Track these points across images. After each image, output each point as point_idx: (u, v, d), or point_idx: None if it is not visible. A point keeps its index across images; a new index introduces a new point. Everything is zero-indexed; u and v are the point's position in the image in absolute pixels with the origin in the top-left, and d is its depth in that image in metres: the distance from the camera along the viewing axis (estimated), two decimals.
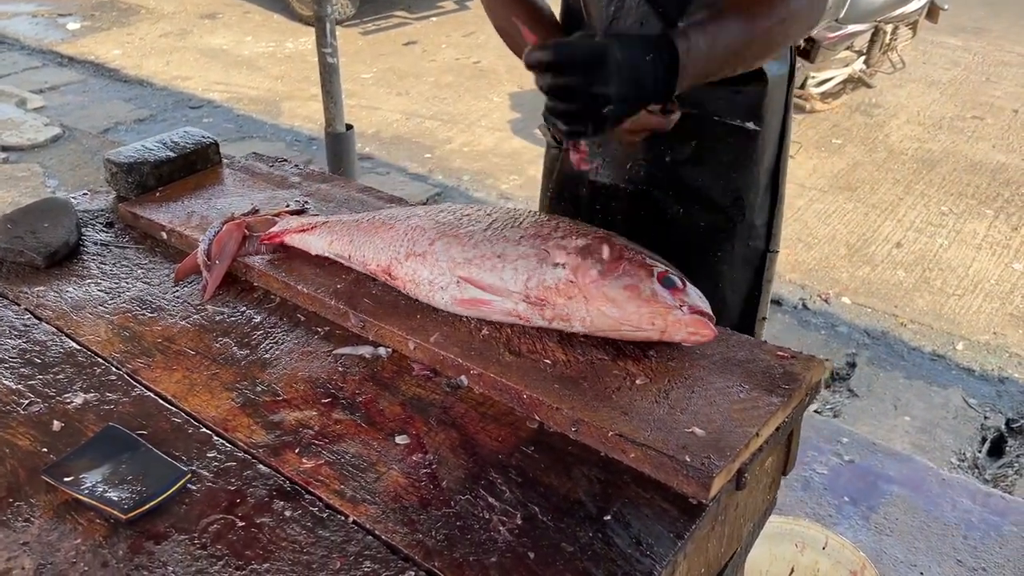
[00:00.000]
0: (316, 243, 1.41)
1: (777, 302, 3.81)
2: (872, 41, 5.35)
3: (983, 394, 3.28)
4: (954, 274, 4.01)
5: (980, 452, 2.99)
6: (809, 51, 5.03)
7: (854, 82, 5.50)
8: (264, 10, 8.09)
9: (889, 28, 5.31)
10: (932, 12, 5.43)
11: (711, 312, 1.19)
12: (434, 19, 7.91)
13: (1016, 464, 2.92)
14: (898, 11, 5.13)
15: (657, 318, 1.15)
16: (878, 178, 4.90)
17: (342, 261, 1.39)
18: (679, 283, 1.18)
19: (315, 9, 3.12)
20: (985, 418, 3.15)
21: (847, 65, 5.33)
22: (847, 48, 5.25)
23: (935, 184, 4.83)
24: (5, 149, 4.69)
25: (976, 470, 2.90)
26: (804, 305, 3.79)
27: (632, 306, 1.16)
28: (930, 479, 2.51)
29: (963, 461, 2.93)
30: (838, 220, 4.46)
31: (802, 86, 5.11)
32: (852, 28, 5.00)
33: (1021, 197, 4.69)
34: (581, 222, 1.32)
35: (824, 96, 5.34)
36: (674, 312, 1.15)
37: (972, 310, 3.76)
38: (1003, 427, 3.10)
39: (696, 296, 1.19)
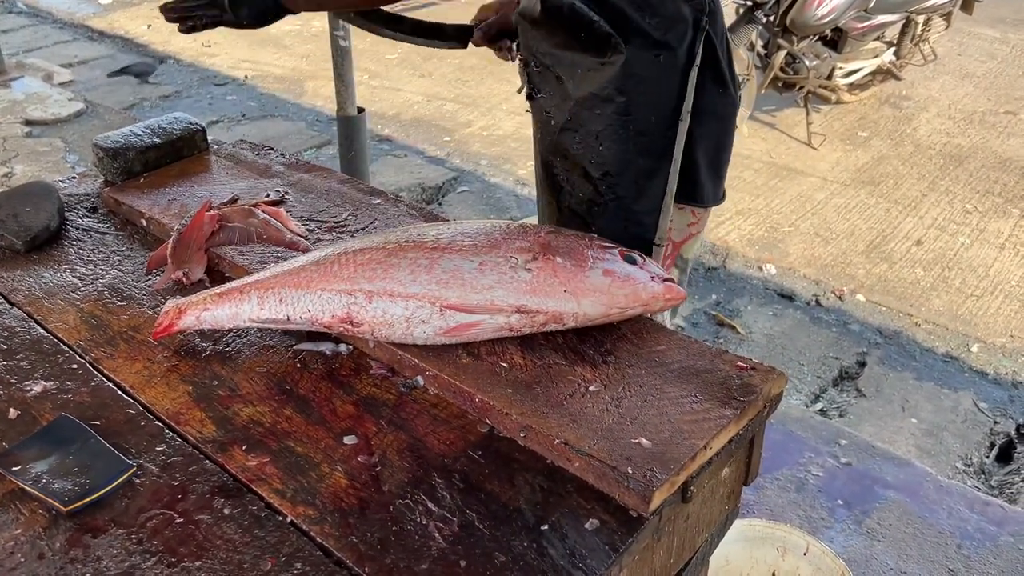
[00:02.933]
0: (236, 312, 1.22)
1: (789, 297, 3.76)
2: (903, 32, 5.22)
3: (995, 398, 3.21)
4: (974, 274, 3.92)
5: (987, 458, 2.93)
6: (836, 41, 4.93)
7: (883, 74, 5.37)
8: None
9: (921, 19, 5.17)
10: (967, 3, 5.28)
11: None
12: (463, 0, 7.87)
13: (1023, 471, 2.86)
14: (931, 1, 5.00)
15: (641, 293, 1.21)
16: (903, 173, 4.80)
17: (276, 326, 1.24)
18: (639, 258, 1.25)
19: None
20: (995, 423, 3.09)
21: (876, 56, 5.21)
22: (876, 39, 5.13)
23: (961, 181, 4.72)
24: (29, 123, 4.75)
25: (982, 476, 2.85)
26: (817, 301, 3.73)
27: (617, 289, 1.20)
28: (928, 485, 2.47)
29: (969, 466, 2.88)
30: (858, 215, 4.38)
31: (829, 77, 5.01)
32: (882, 18, 4.88)
33: None
34: (520, 223, 1.35)
35: (852, 87, 5.22)
36: (649, 286, 1.22)
37: (990, 312, 3.68)
38: (1013, 433, 3.04)
39: (654, 264, 1.27)
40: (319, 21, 7.26)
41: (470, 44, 1.88)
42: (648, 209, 1.58)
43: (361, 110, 3.47)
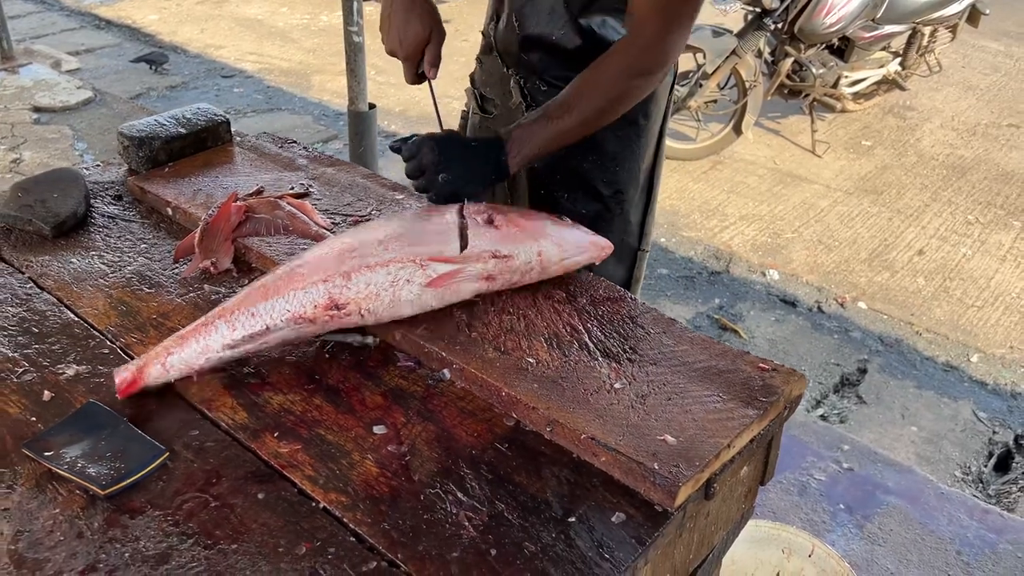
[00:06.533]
0: (207, 345, 1.15)
1: (792, 303, 3.79)
2: (909, 43, 5.25)
3: (994, 408, 3.24)
4: (975, 285, 3.96)
5: (986, 467, 2.96)
6: (843, 50, 4.96)
7: (888, 84, 5.41)
8: None
9: (927, 30, 5.21)
10: (973, 16, 5.32)
11: None
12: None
13: (1021, 481, 2.89)
14: (937, 13, 5.03)
15: (583, 241, 1.35)
16: (905, 183, 4.83)
17: (256, 344, 1.17)
18: (567, 217, 1.38)
19: None
20: (994, 433, 3.12)
21: (882, 66, 5.24)
22: (883, 49, 5.17)
23: (963, 192, 4.76)
24: (37, 110, 4.75)
25: (980, 484, 2.88)
26: (819, 308, 3.76)
27: (567, 235, 1.33)
28: (928, 492, 2.50)
29: (967, 475, 2.91)
30: (861, 223, 4.41)
31: (834, 85, 5.04)
32: (889, 29, 4.92)
33: None
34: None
35: (856, 96, 5.26)
36: (587, 236, 1.35)
37: (990, 322, 3.71)
38: (1011, 443, 3.07)
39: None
40: (326, 15, 7.28)
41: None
42: (639, 220, 1.70)
43: (372, 106, 3.48)
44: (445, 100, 1.62)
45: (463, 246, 1.25)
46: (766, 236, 4.27)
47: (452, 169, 1.37)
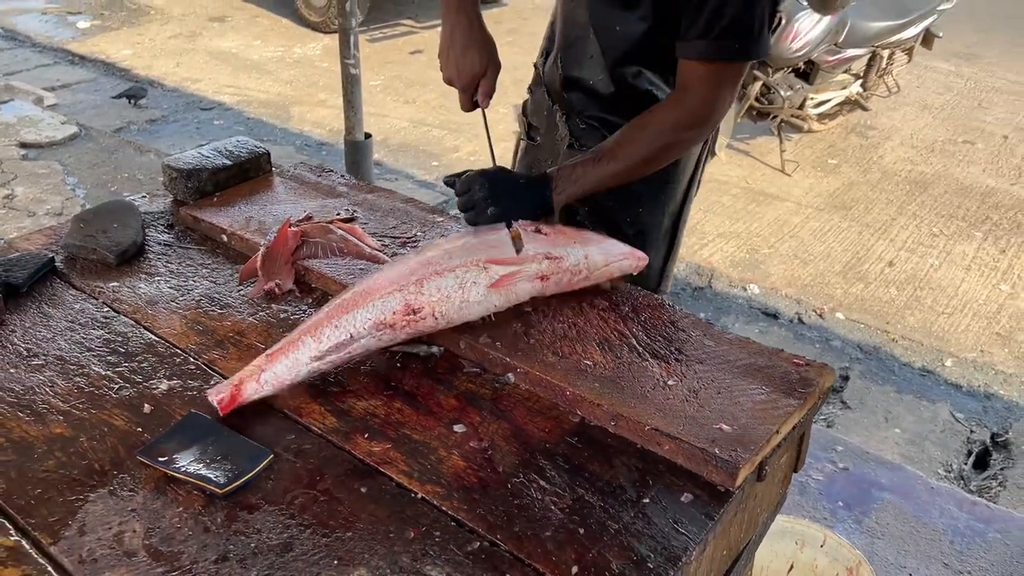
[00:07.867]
0: (296, 359, 1.25)
1: (773, 316, 3.95)
2: (869, 65, 5.51)
3: (969, 409, 3.42)
4: (944, 293, 4.16)
5: (966, 464, 3.13)
6: (808, 73, 5.19)
7: (850, 104, 5.66)
8: (272, 15, 8.18)
9: (886, 53, 5.47)
10: (927, 39, 5.60)
11: None
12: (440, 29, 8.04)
13: (999, 476, 3.06)
14: (895, 37, 5.29)
15: (624, 248, 1.47)
16: (872, 198, 5.05)
17: (342, 354, 1.27)
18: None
19: (339, 22, 3.26)
20: (971, 432, 3.30)
21: (844, 88, 5.49)
22: (845, 71, 5.41)
23: (927, 206, 4.99)
24: (24, 146, 4.78)
25: (961, 481, 3.04)
26: (800, 319, 3.93)
27: (609, 245, 1.45)
28: (919, 487, 2.65)
29: (949, 472, 3.07)
30: (833, 238, 4.61)
31: (801, 107, 5.27)
32: (850, 52, 5.16)
33: (1008, 221, 4.86)
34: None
35: (821, 117, 5.49)
36: (625, 246, 1.47)
37: (960, 328, 3.91)
38: (988, 441, 3.25)
39: None
40: (299, 47, 7.38)
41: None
42: (659, 265, 1.80)
43: (368, 135, 3.59)
44: (423, 128, 1.74)
45: (519, 250, 1.38)
46: (744, 252, 4.44)
47: (501, 204, 1.46)
